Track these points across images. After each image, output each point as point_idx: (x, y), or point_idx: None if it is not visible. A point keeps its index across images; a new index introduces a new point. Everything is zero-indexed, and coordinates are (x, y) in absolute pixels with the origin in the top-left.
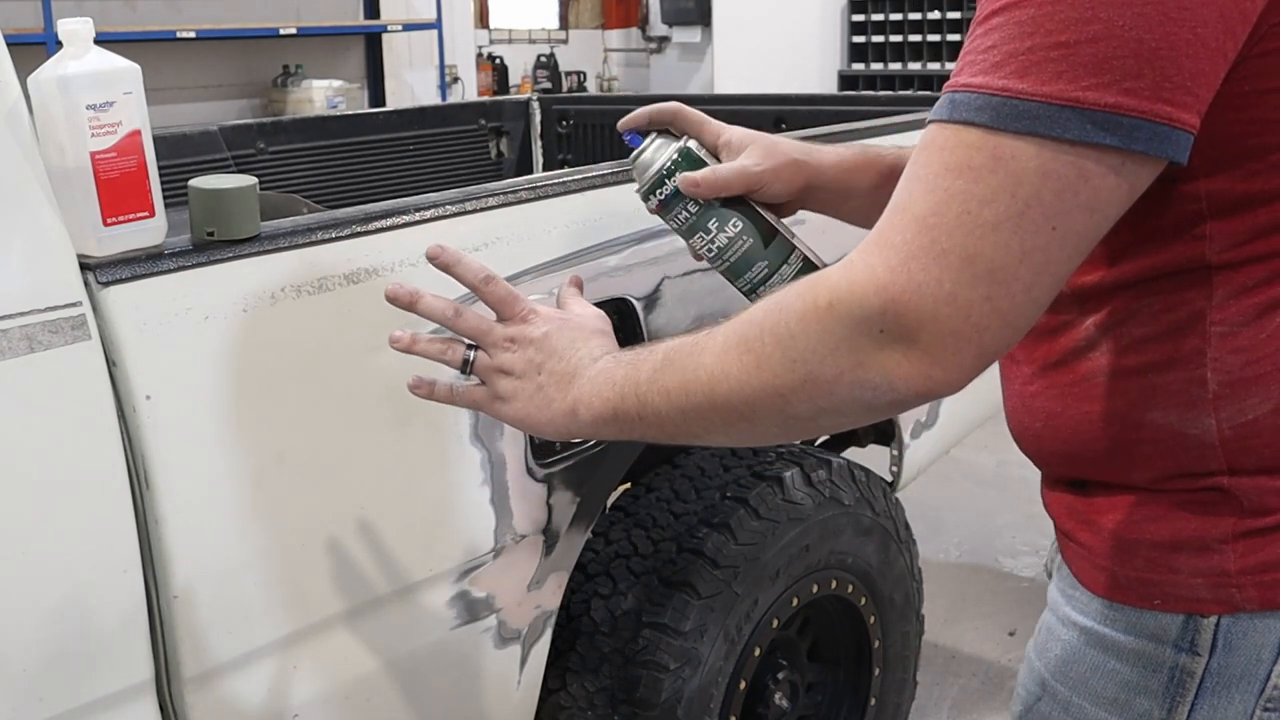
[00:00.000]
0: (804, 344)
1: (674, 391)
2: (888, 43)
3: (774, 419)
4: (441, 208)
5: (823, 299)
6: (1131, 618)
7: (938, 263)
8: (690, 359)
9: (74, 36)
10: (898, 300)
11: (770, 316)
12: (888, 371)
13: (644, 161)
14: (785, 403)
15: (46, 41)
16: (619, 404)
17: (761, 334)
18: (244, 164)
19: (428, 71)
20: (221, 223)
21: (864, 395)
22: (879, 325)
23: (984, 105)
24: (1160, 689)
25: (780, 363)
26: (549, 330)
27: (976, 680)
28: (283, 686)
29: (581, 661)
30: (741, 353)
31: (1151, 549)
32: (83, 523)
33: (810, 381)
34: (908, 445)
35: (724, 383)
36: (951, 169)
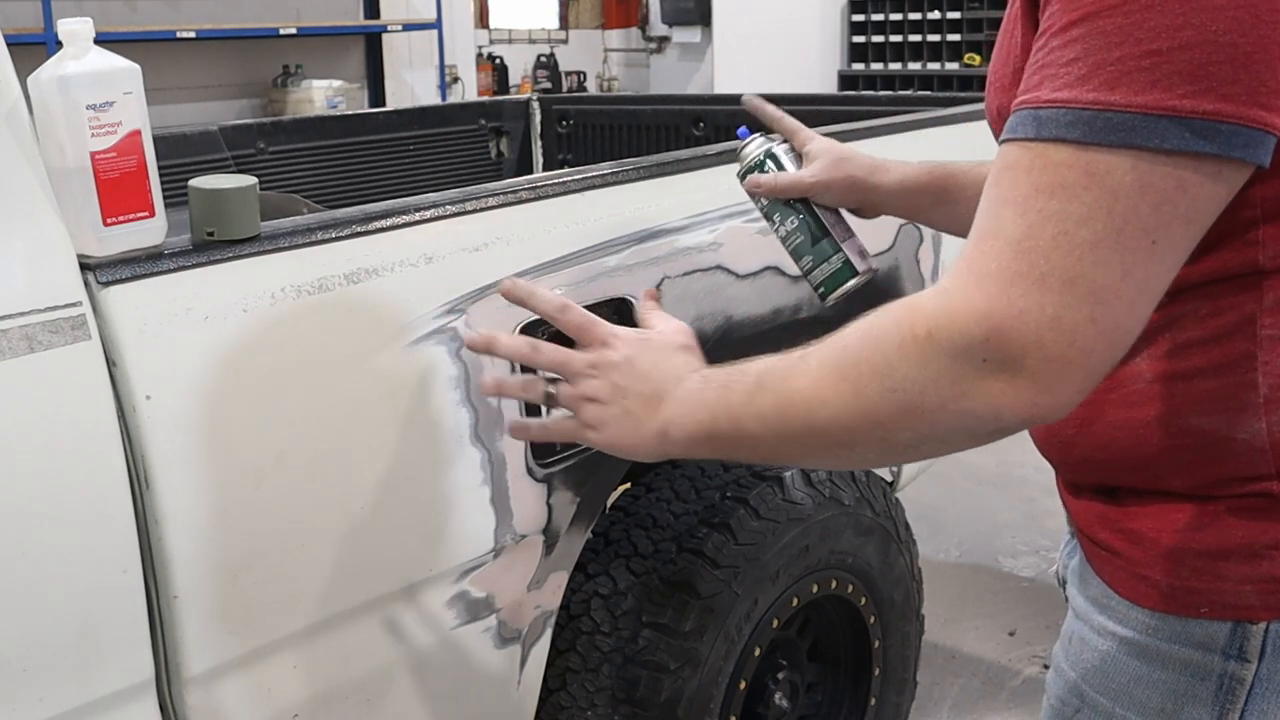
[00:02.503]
0: (903, 374)
1: (769, 416)
2: (888, 43)
3: (875, 446)
4: (441, 208)
5: (920, 329)
6: (1177, 627)
7: (1038, 287)
8: (785, 383)
9: (74, 36)
10: (1000, 328)
11: (866, 345)
12: (992, 401)
13: (742, 154)
14: (886, 431)
15: (46, 41)
16: (712, 426)
17: (857, 362)
18: (244, 164)
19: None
20: (221, 223)
21: (967, 424)
22: (981, 354)
23: (1074, 120)
24: (1209, 697)
25: (878, 392)
26: (630, 353)
27: (976, 680)
28: (283, 686)
29: (581, 661)
30: (837, 380)
31: (1197, 557)
32: (83, 523)
33: (910, 411)
34: None
35: (821, 410)
36: (1043, 190)
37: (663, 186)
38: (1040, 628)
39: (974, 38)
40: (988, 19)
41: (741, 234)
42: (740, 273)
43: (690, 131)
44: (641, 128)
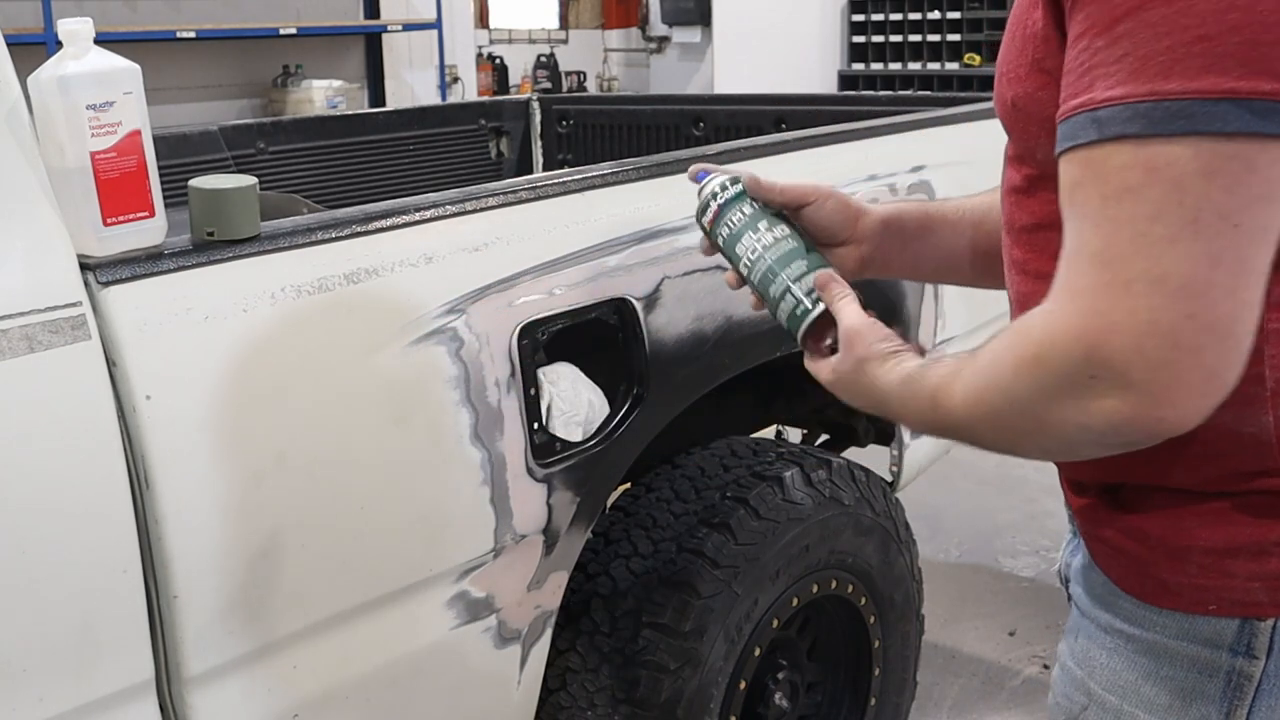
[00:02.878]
0: (1024, 396)
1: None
2: (888, 43)
3: (1036, 452)
4: (441, 208)
5: (1029, 352)
6: (1184, 624)
7: (1126, 294)
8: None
9: (74, 36)
10: (1098, 345)
11: (992, 369)
12: (1108, 418)
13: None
14: (1034, 441)
15: (46, 41)
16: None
17: (988, 386)
18: (244, 164)
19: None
20: (221, 223)
21: (1093, 438)
22: (1088, 372)
23: (1133, 115)
24: (1217, 693)
25: (1010, 414)
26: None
27: (976, 680)
28: (283, 686)
29: (581, 661)
30: (976, 403)
31: (1204, 555)
32: (83, 522)
33: (1041, 428)
34: (908, 445)
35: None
36: (1110, 197)
37: (663, 186)
38: (1040, 628)
39: (974, 38)
40: (988, 19)
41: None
42: None
43: (690, 131)
44: (641, 128)
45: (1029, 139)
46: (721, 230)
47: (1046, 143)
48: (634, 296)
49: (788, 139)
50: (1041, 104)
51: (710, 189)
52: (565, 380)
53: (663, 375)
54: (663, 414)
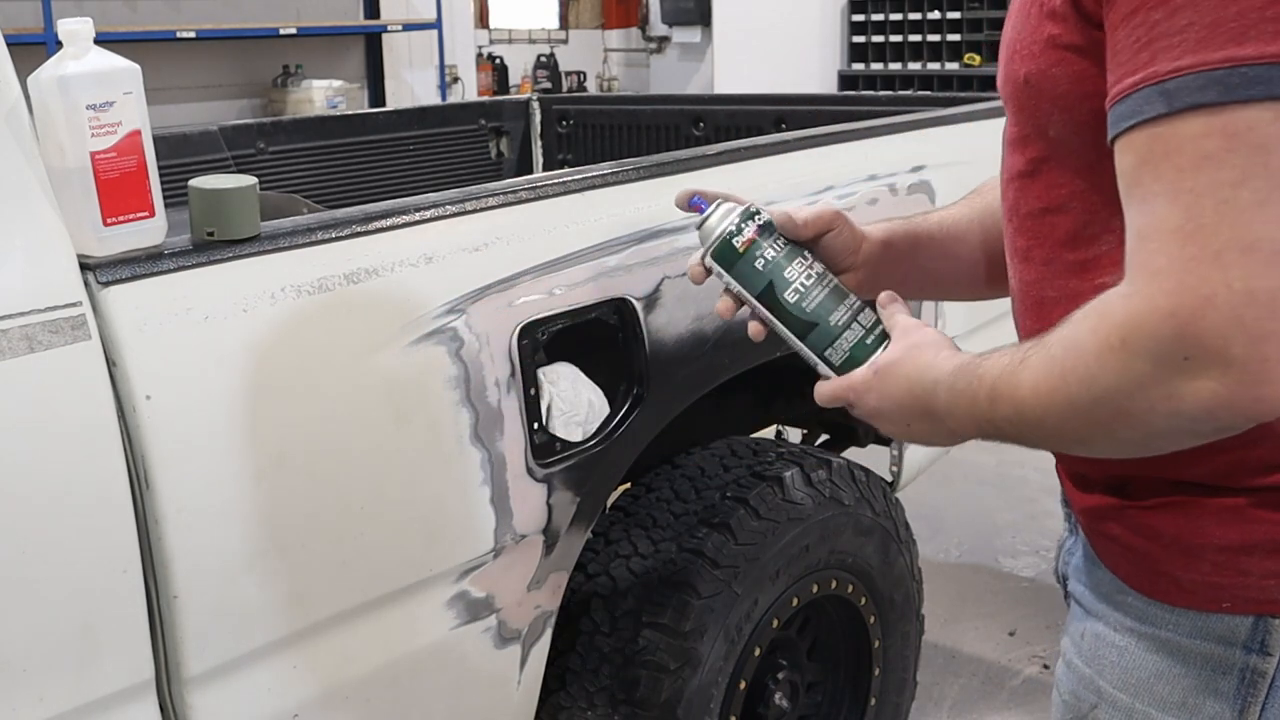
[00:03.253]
0: (1106, 383)
1: (1015, 422)
2: (888, 43)
3: (1108, 446)
4: (441, 208)
5: (1114, 337)
6: (1198, 622)
7: (1217, 265)
8: (1014, 391)
9: (74, 36)
10: (1191, 321)
11: (1069, 355)
12: (1204, 402)
13: (716, 218)
14: (1109, 432)
15: (46, 41)
16: (981, 430)
17: (1064, 373)
18: (244, 164)
19: (428, 71)
20: (221, 223)
21: (1182, 425)
22: (1181, 353)
23: (1206, 83)
24: (1231, 691)
25: (1089, 402)
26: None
27: (976, 680)
28: (283, 686)
29: (581, 661)
30: (1051, 390)
31: (1219, 552)
32: (83, 522)
33: (1123, 416)
34: (908, 445)
35: (1048, 418)
36: (1186, 168)
37: (663, 186)
38: (1040, 628)
39: (974, 38)
40: (988, 19)
41: None
42: None
43: (690, 131)
44: (641, 128)
45: (1040, 116)
46: (763, 255)
47: (1059, 120)
48: (634, 296)
49: (788, 139)
50: (1055, 80)
51: (732, 221)
52: (565, 380)
53: (663, 375)
54: (663, 414)
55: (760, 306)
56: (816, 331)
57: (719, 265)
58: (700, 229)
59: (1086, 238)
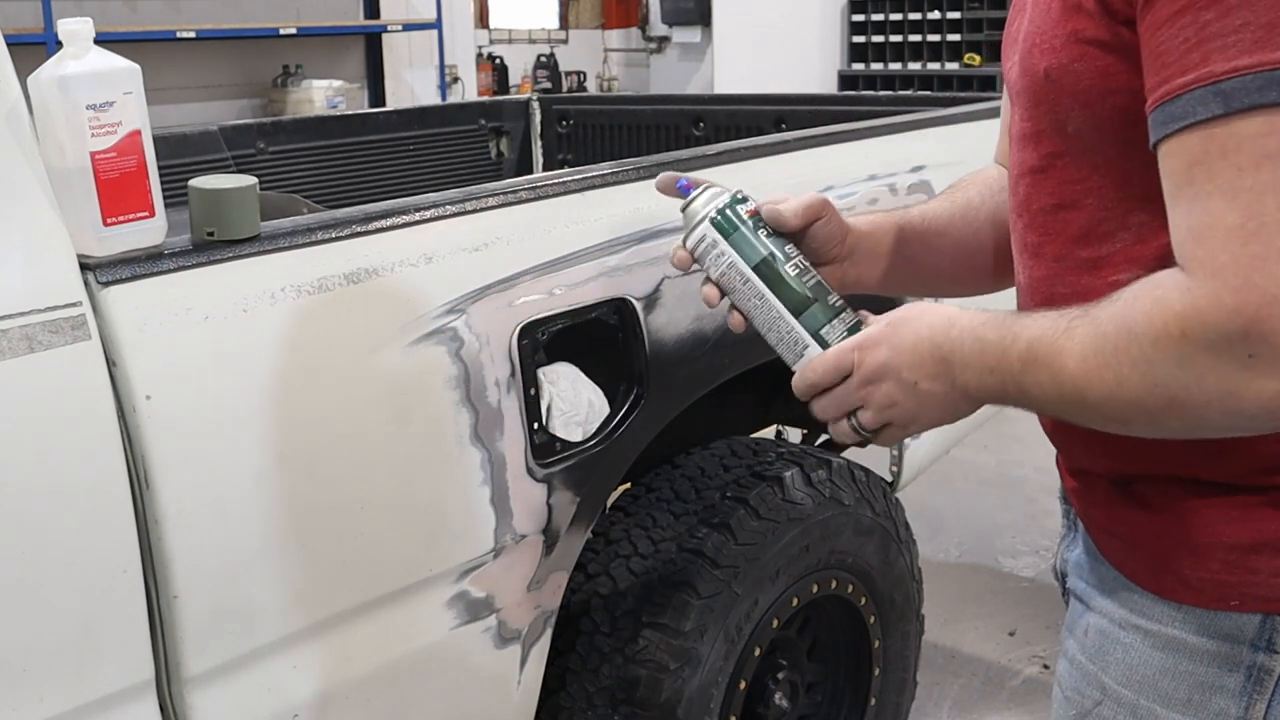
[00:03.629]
0: (1163, 371)
1: (1047, 388)
2: (888, 43)
3: (1148, 429)
4: (441, 208)
5: (1174, 328)
6: (1205, 619)
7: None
8: (1054, 358)
9: (74, 36)
10: (1259, 320)
11: (1121, 335)
12: (1264, 401)
13: (704, 198)
14: (1154, 418)
15: (46, 41)
16: (1003, 391)
17: (1116, 353)
18: (244, 164)
19: (428, 71)
20: (221, 223)
21: (1238, 422)
22: (1245, 350)
23: (1266, 83)
24: (1237, 688)
25: (1141, 386)
26: (890, 347)
27: (976, 680)
28: (283, 686)
29: (581, 661)
30: (1100, 367)
31: (1228, 551)
32: (83, 523)
33: (1175, 405)
34: (908, 445)
35: (1091, 392)
36: (1246, 168)
37: None
38: (1040, 628)
39: (974, 38)
40: (988, 19)
41: None
42: None
43: (690, 131)
44: (641, 128)
45: (1059, 111)
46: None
47: (1079, 115)
48: (634, 296)
49: (788, 139)
50: (1078, 76)
51: (716, 207)
52: (565, 380)
53: (663, 375)
54: (663, 414)
55: (757, 280)
56: (815, 308)
57: (717, 234)
58: (685, 210)
59: (1100, 235)
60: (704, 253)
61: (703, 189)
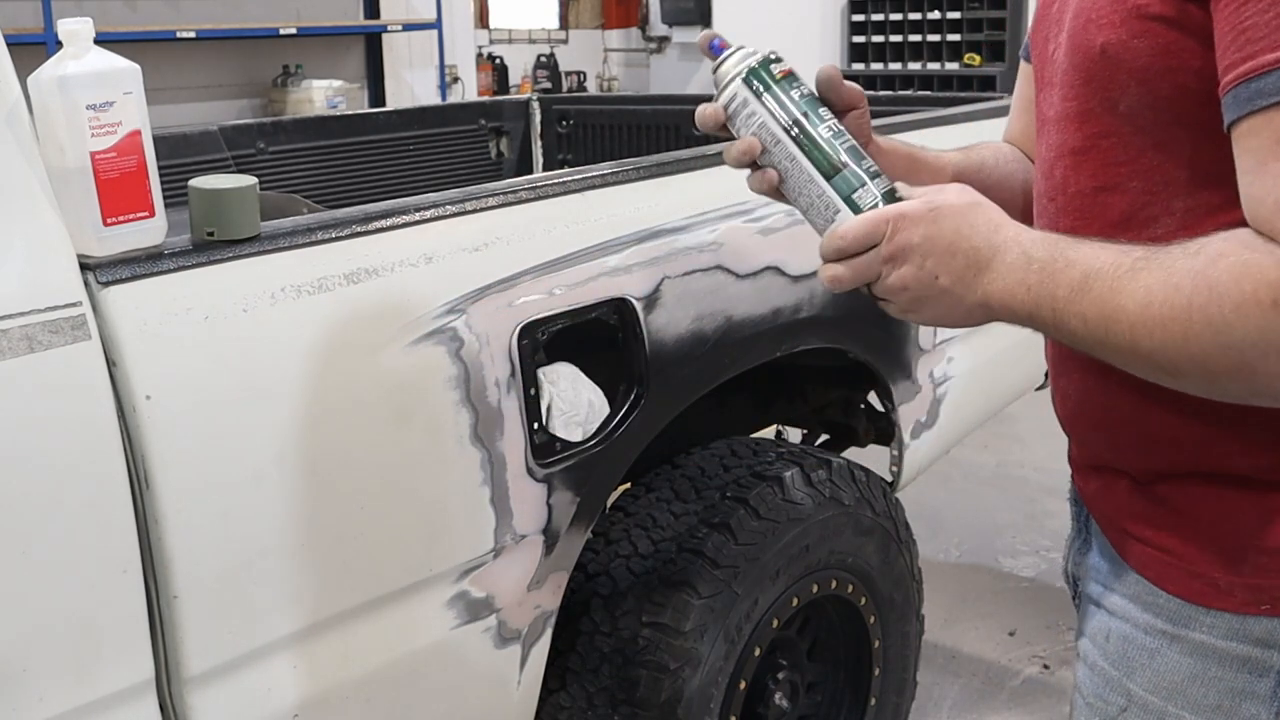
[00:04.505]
0: (1240, 335)
1: (1093, 322)
2: (888, 43)
3: (1199, 386)
4: (441, 208)
5: (1265, 296)
6: (1234, 624)
7: None
8: (1112, 294)
9: (74, 36)
10: None
11: (1200, 292)
12: None
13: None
14: (1213, 378)
15: (46, 41)
16: (1034, 310)
17: (1189, 308)
18: (244, 164)
19: (428, 71)
20: (221, 223)
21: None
22: None
23: None
24: (1268, 693)
25: (1212, 345)
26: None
27: (976, 680)
28: (283, 686)
29: (581, 661)
30: (1166, 319)
31: (1262, 554)
32: (83, 523)
33: (1244, 370)
34: (908, 445)
35: (1147, 340)
36: None
37: (663, 186)
38: (1040, 628)
39: (974, 38)
40: (988, 19)
41: (741, 234)
42: (740, 273)
43: (690, 131)
44: (641, 128)
45: (1113, 89)
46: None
47: (1135, 93)
48: (634, 296)
49: None
50: (1137, 53)
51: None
52: (565, 380)
53: (663, 375)
54: (663, 414)
55: (788, 140)
56: (847, 172)
57: (749, 90)
58: (716, 71)
59: (1143, 219)
60: (735, 112)
61: (735, 49)
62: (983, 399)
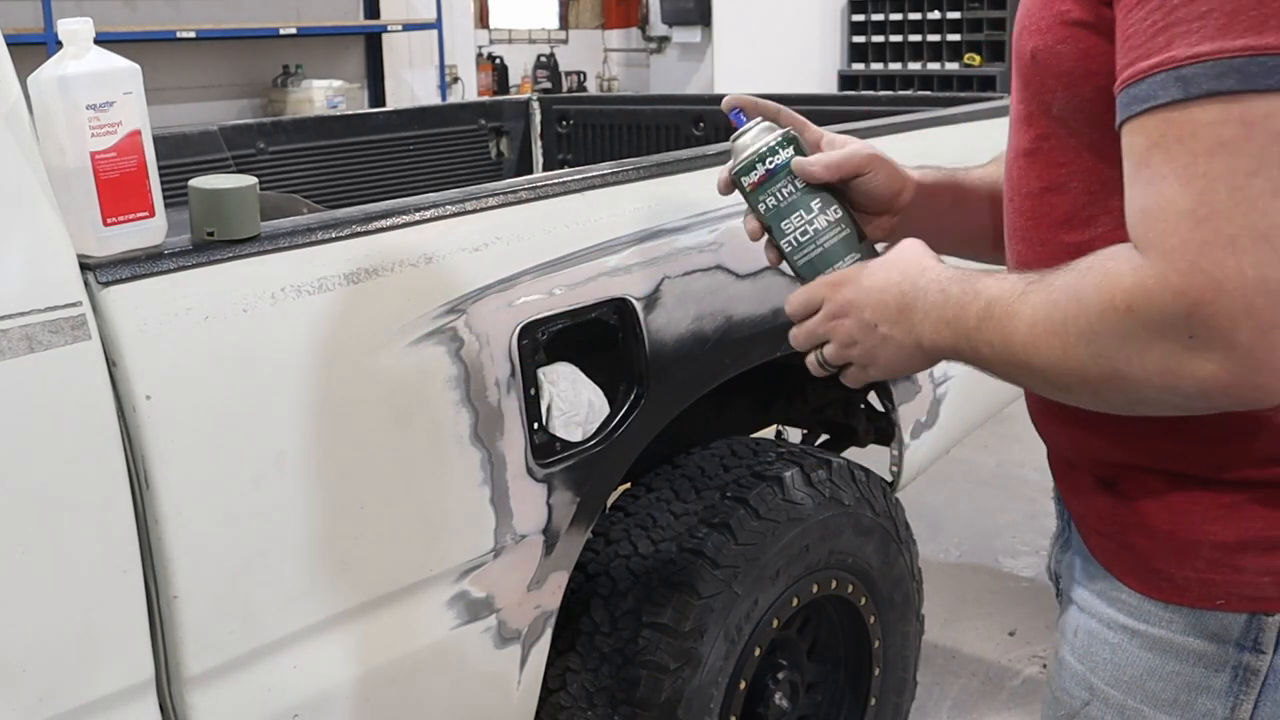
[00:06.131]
0: (1106, 343)
1: (997, 347)
2: (888, 43)
3: (1087, 399)
4: (441, 208)
5: (1120, 301)
6: (1191, 619)
7: (1230, 251)
8: (1008, 319)
9: (74, 36)
10: (1201, 304)
11: (1071, 304)
12: (1202, 383)
13: (748, 139)
14: (1095, 390)
15: (46, 41)
16: (956, 345)
17: (1065, 321)
18: (244, 164)
19: (428, 71)
20: (221, 223)
21: (1175, 400)
22: (1187, 331)
23: (1225, 70)
24: (1223, 688)
25: (1085, 355)
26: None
27: (976, 680)
28: (283, 686)
29: (581, 661)
30: (1048, 334)
31: (1214, 549)
32: (83, 523)
33: (1116, 378)
34: (908, 445)
35: (1037, 358)
36: (1200, 154)
37: (663, 186)
38: (1040, 628)
39: (974, 38)
40: (988, 19)
41: (742, 234)
42: (740, 273)
43: (690, 131)
44: (641, 128)
45: (1045, 93)
46: (767, 200)
47: (1063, 97)
48: (634, 296)
49: None
50: (1061, 57)
51: (756, 149)
52: (565, 380)
53: (663, 375)
54: (663, 414)
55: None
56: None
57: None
58: (733, 144)
59: (1083, 219)
60: (740, 186)
61: (753, 125)
62: (983, 399)
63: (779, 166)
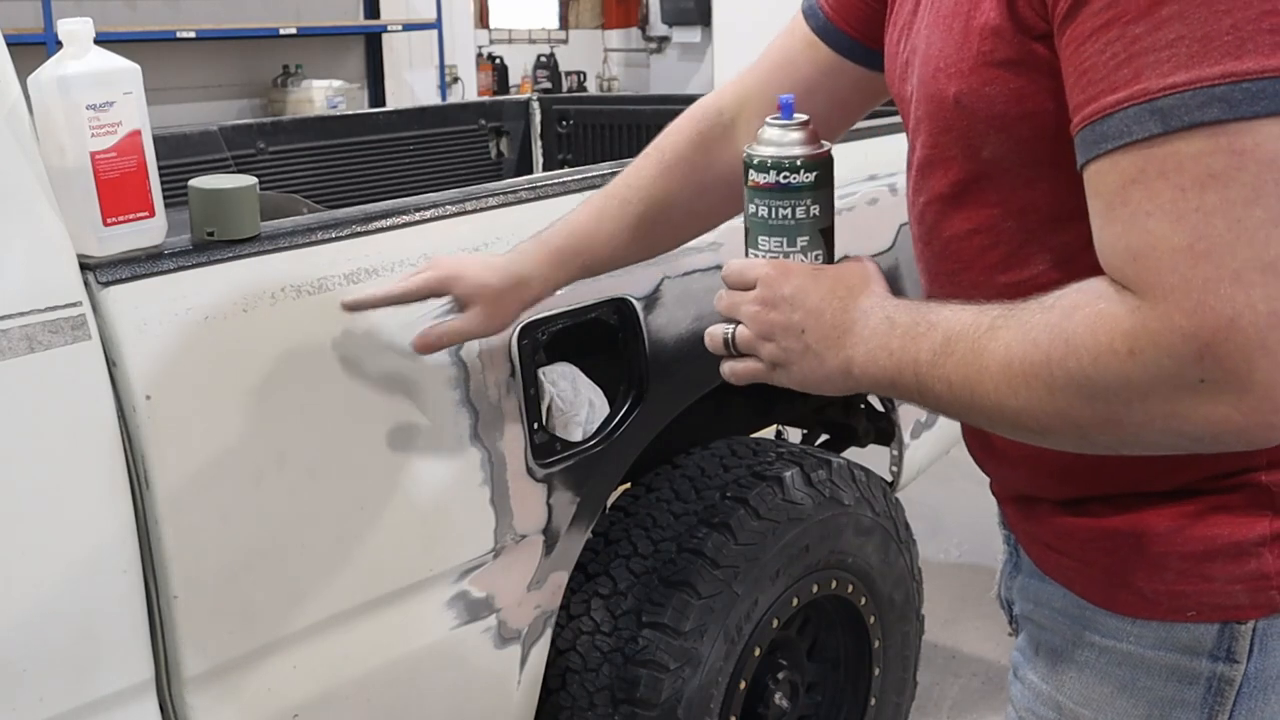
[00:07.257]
0: (1104, 386)
1: (957, 385)
2: None
3: (1069, 441)
4: (441, 208)
5: (1120, 345)
6: (1161, 632)
7: (1238, 286)
8: (974, 356)
9: (74, 36)
10: (1214, 344)
11: (1057, 347)
12: (1214, 425)
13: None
14: (1083, 432)
15: (46, 41)
16: (896, 376)
17: (1049, 363)
18: (244, 164)
19: (428, 71)
20: (221, 223)
21: (1178, 442)
22: (1198, 375)
23: (1207, 100)
24: (1198, 701)
25: (1077, 398)
26: (801, 285)
27: (976, 680)
28: (283, 686)
29: (581, 661)
30: (1027, 376)
31: (1182, 560)
32: (83, 523)
33: (1111, 422)
34: (908, 445)
35: (1013, 400)
36: (1189, 188)
37: None
38: None
39: None
40: None
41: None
42: None
43: None
44: (641, 128)
45: (974, 137)
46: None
47: (996, 140)
48: (634, 296)
49: None
50: (990, 100)
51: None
52: (565, 380)
53: (663, 375)
54: (663, 414)
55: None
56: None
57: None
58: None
59: (1021, 258)
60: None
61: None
62: None
63: (790, 186)
